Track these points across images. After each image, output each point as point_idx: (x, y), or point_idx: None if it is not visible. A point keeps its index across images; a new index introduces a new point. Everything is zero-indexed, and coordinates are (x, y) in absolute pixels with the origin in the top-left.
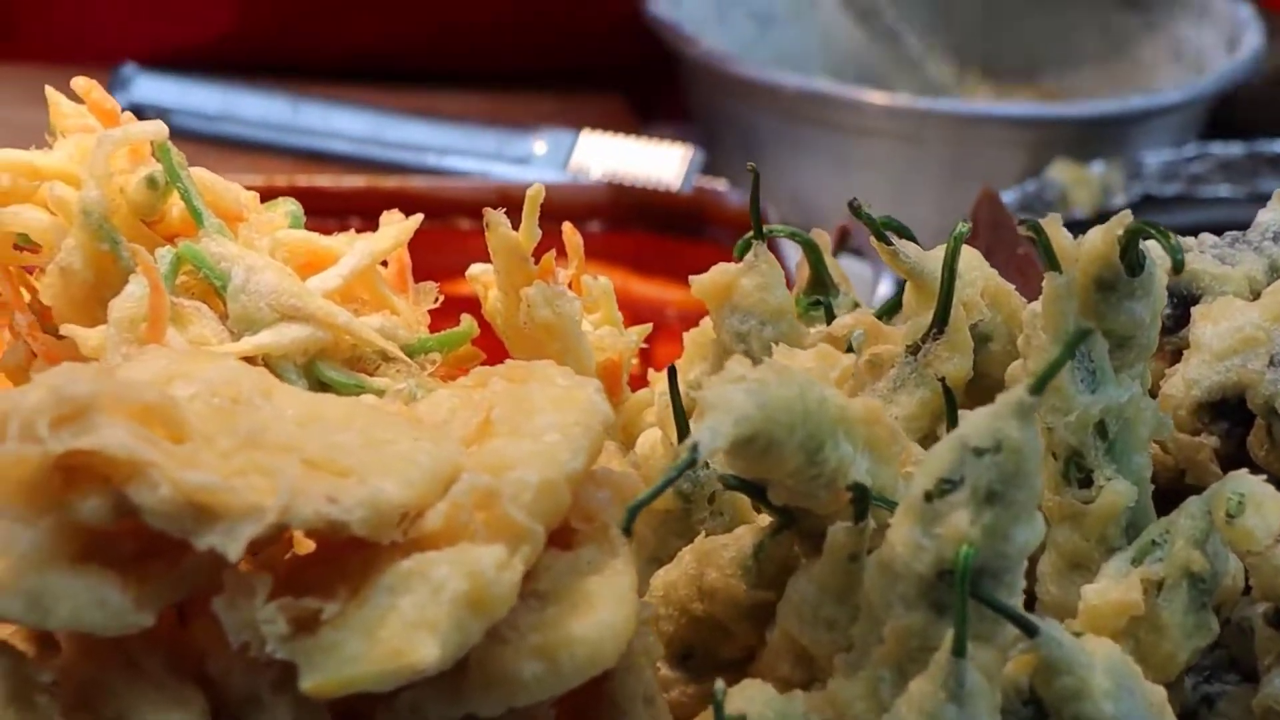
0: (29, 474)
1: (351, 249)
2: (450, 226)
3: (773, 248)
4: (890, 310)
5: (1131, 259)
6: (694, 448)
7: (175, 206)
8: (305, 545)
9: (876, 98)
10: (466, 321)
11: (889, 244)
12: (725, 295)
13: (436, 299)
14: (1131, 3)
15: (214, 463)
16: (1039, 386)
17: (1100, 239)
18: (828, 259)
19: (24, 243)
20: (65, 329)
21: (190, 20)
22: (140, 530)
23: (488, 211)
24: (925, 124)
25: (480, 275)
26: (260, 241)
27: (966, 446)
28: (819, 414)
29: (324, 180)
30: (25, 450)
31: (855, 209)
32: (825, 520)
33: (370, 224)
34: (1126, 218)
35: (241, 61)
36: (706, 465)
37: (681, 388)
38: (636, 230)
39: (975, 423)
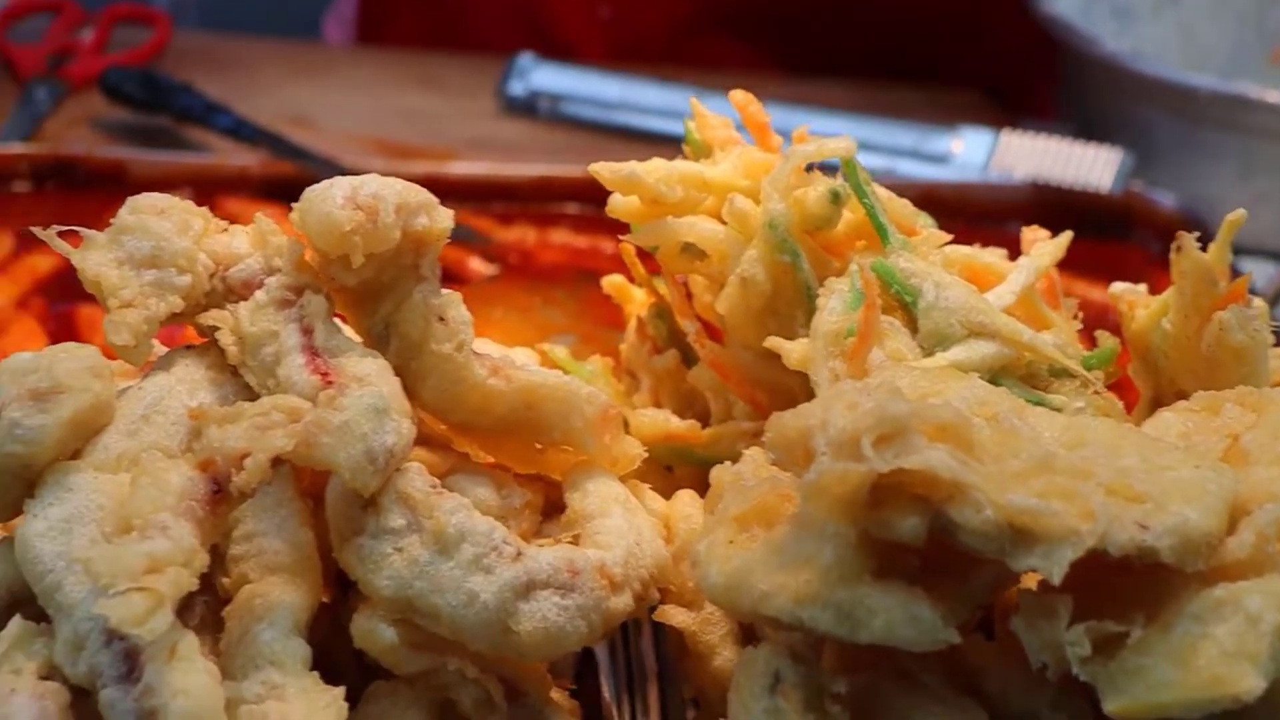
0: (849, 491)
1: (1016, 266)
2: None
3: None
4: None
5: None
6: None
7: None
8: None
9: None
10: (1111, 340)
11: None
12: None
13: (1076, 315)
14: None
15: (1014, 485)
16: None
17: None
18: None
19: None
20: (770, 341)
21: (577, 10)
22: (925, 547)
23: (1181, 235)
24: None
25: (1124, 294)
26: (932, 256)
27: None
28: None
29: None
30: (849, 468)
31: None
32: None
33: None
34: None
35: (623, 52)
36: None
37: None
38: (1060, 231)
39: None
